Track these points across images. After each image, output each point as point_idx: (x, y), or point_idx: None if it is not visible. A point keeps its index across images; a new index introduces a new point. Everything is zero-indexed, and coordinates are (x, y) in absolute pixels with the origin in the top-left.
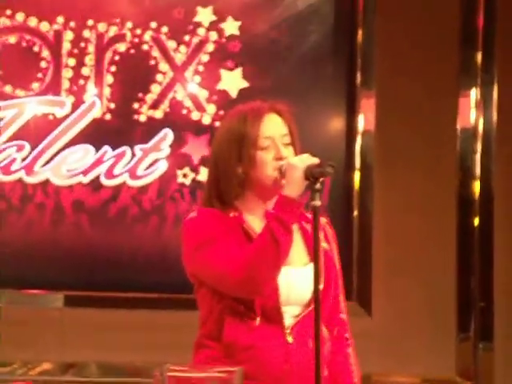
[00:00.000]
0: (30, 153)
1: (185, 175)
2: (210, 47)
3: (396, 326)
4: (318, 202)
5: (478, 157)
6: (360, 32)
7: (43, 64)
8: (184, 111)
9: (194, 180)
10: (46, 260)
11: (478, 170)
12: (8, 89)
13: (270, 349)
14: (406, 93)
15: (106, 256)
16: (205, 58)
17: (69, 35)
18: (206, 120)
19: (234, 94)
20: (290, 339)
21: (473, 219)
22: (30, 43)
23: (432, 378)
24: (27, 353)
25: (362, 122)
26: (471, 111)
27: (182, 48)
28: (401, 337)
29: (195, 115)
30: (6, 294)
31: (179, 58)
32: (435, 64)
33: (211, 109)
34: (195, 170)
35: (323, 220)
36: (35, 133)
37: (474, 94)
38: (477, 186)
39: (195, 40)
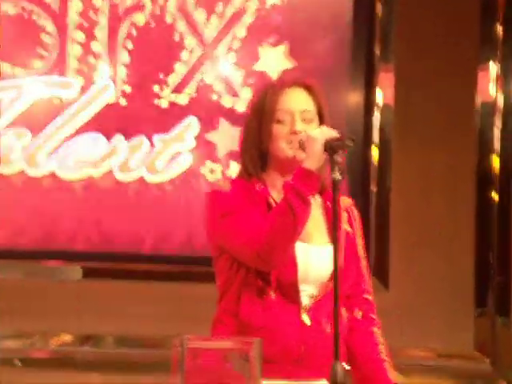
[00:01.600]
0: (32, 141)
1: (212, 171)
2: (248, 19)
3: (414, 301)
4: (337, 175)
5: (497, 131)
6: (379, 5)
7: (46, 39)
8: (214, 96)
9: (222, 176)
10: (64, 232)
11: (497, 145)
12: (6, 68)
13: (286, 330)
14: (425, 66)
15: (125, 228)
16: (241, 32)
17: (76, 4)
18: (240, 107)
19: (274, 75)
20: (306, 320)
21: (492, 194)
22: (30, 14)
23: (450, 352)
24: (46, 324)
25: (380, 97)
26: (490, 85)
27: (214, 20)
28: (418, 311)
29: (227, 101)
30: (25, 265)
31: (209, 32)
32: (455, 37)
33: (246, 93)
34: (224, 164)
35: (348, 201)
36: (38, 119)
37: (494, 67)
38: (496, 161)
39: (229, 10)
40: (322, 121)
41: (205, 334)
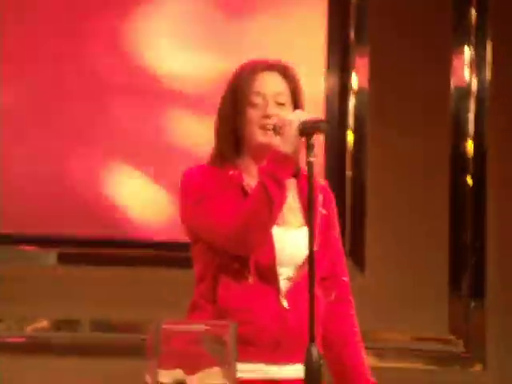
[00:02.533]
0: None
1: None
2: None
3: (389, 284)
4: (312, 158)
5: (471, 116)
6: None
7: None
8: None
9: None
10: (39, 216)
11: (471, 129)
12: None
13: (265, 312)
14: (400, 51)
15: (100, 211)
16: None
17: None
18: None
19: None
20: (284, 303)
21: (466, 178)
22: None
23: (424, 335)
24: (22, 310)
25: (355, 80)
26: (465, 70)
27: None
28: (393, 294)
29: None
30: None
31: None
32: (428, 22)
33: None
34: None
35: (323, 182)
36: None
37: (468, 52)
38: (470, 145)
39: None
40: (296, 104)
41: (181, 319)
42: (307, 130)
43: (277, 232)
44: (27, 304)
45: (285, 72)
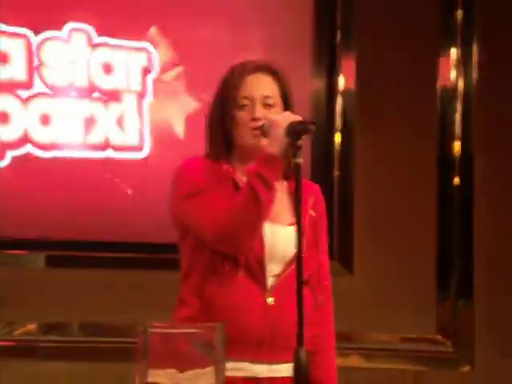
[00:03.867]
0: None
1: None
2: None
3: (377, 284)
4: (299, 160)
5: (458, 116)
6: None
7: None
8: None
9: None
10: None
11: (458, 130)
12: None
13: (250, 310)
14: (386, 52)
15: (90, 214)
16: None
17: None
18: None
19: None
20: (270, 300)
21: (453, 178)
22: None
23: (412, 335)
24: (10, 313)
25: (342, 82)
26: (451, 70)
27: None
28: (382, 295)
29: None
30: None
31: None
32: (415, 22)
33: None
34: None
35: (316, 187)
36: None
37: (454, 52)
38: (457, 146)
39: None
40: (286, 106)
41: (170, 321)
42: (295, 132)
43: (267, 228)
44: (16, 308)
45: (274, 73)
